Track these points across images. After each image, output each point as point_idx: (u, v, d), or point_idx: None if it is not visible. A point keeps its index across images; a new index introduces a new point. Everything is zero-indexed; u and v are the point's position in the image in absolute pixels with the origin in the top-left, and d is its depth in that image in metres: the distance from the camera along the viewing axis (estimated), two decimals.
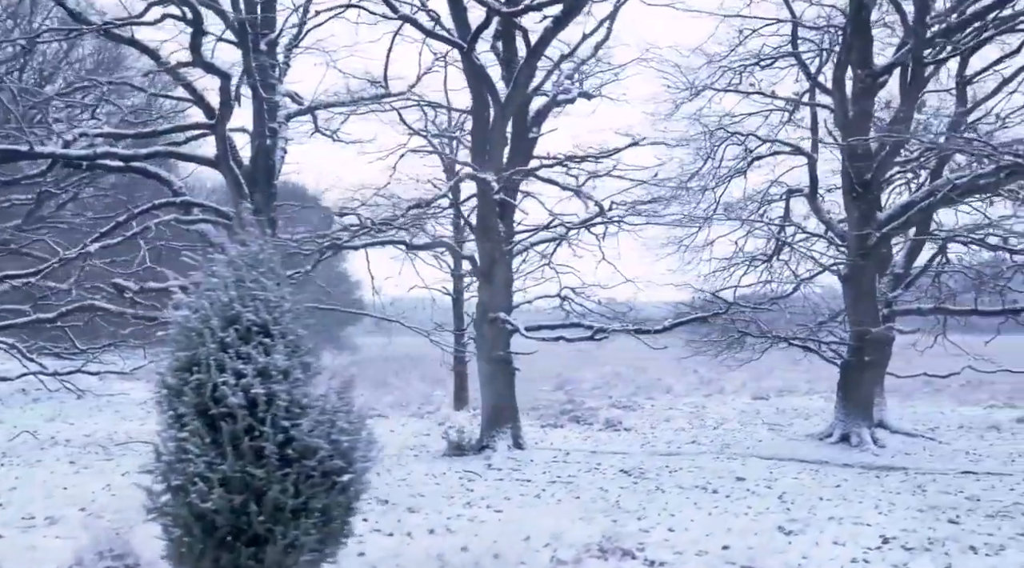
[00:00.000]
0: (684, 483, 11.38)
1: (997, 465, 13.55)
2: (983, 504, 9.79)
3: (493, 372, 13.92)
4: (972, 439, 16.84)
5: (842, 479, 11.91)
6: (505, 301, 14.04)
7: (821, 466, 13.38)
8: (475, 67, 12.97)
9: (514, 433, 13.95)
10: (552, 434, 17.93)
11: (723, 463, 13.34)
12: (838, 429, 15.79)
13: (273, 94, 15.73)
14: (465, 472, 12.05)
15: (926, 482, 11.59)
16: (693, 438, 17.04)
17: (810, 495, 10.38)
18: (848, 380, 15.87)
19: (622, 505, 9.67)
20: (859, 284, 15.72)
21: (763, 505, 9.67)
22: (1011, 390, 26.10)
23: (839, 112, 15.49)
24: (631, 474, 12.21)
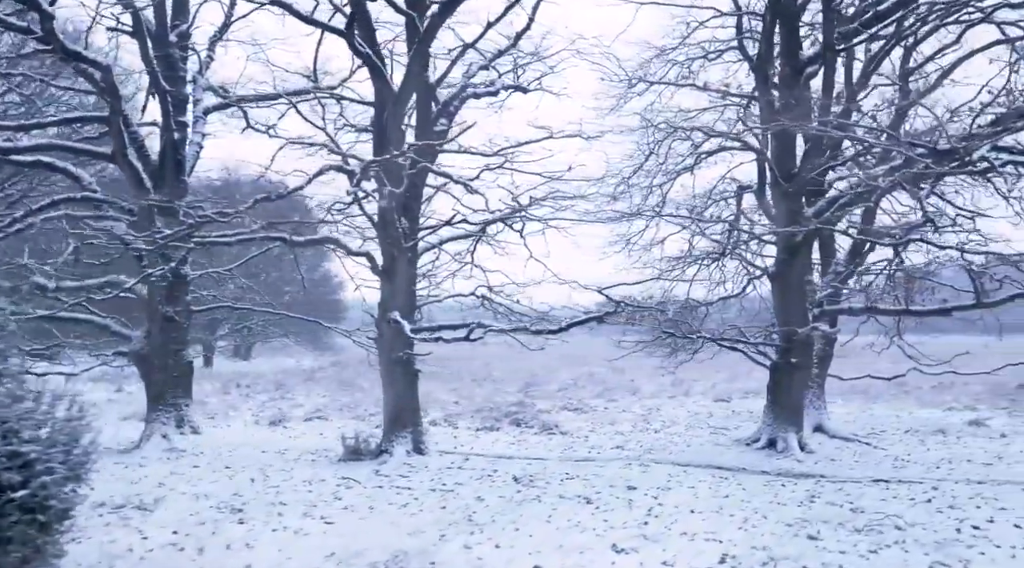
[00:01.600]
0: (567, 493, 10.81)
1: (919, 472, 12.96)
2: (861, 517, 9.19)
3: (393, 374, 13.39)
4: (912, 444, 16.21)
5: (739, 488, 11.32)
6: (406, 300, 13.50)
7: (733, 474, 12.80)
8: (362, 55, 12.41)
9: (415, 437, 13.42)
10: (483, 438, 17.42)
11: (628, 470, 12.75)
12: (765, 434, 15.18)
13: (181, 87, 15.26)
14: (344, 479, 11.54)
15: (826, 492, 11.00)
16: (622, 443, 16.44)
17: (686, 507, 9.78)
18: (777, 383, 15.26)
19: (474, 518, 9.11)
20: (787, 283, 15.11)
21: (625, 518, 9.09)
22: (980, 391, 25.44)
23: (764, 104, 14.86)
24: (520, 482, 11.66)
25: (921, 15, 15.85)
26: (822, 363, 17.45)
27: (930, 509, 9.80)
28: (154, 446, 13.92)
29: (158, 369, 14.57)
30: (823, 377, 17.48)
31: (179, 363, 14.73)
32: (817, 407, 17.17)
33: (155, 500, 9.75)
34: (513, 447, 15.98)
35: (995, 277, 14.34)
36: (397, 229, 13.06)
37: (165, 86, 14.15)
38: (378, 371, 14.28)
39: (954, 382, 27.85)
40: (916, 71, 17.42)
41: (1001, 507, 9.89)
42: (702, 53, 19.60)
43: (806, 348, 15.07)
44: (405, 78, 12.60)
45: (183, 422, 14.62)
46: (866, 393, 25.88)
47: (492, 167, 12.59)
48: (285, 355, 48.51)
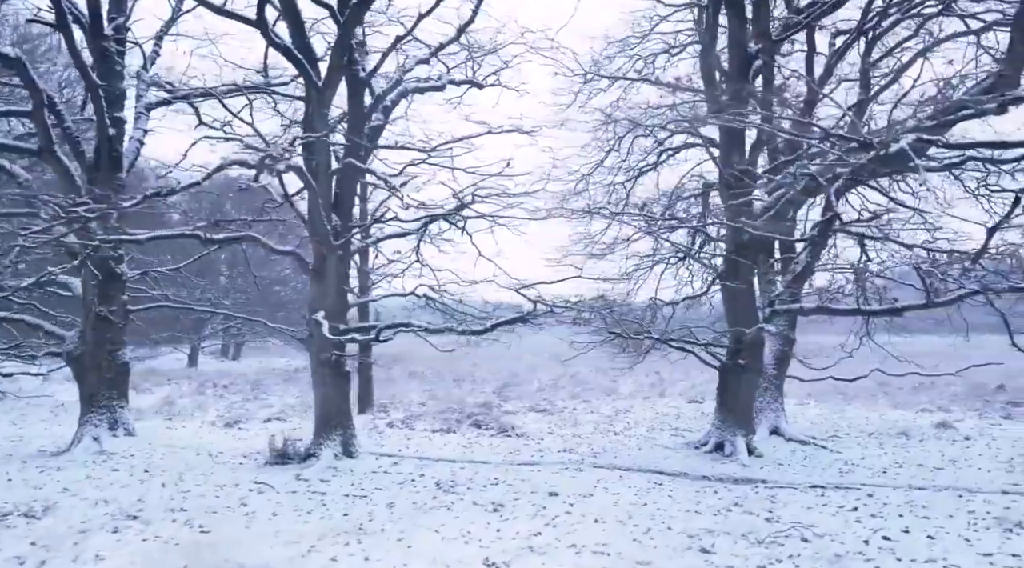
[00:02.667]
0: (482, 500, 10.46)
1: (864, 477, 12.58)
2: (772, 527, 8.80)
3: (323, 376, 13.05)
4: (870, 447, 15.80)
5: (665, 495, 10.97)
6: (337, 300, 13.17)
7: (669, 479, 12.44)
8: (279, 47, 12.06)
9: (344, 440, 13.09)
10: (436, 440, 17.08)
11: (559, 476, 12.39)
12: (713, 437, 14.81)
13: (118, 81, 14.96)
14: (258, 484, 11.20)
15: (752, 499, 10.62)
16: (574, 446, 16.07)
17: (594, 516, 9.42)
18: (725, 385, 14.86)
19: (366, 527, 8.78)
20: (736, 281, 14.70)
21: (521, 528, 8.73)
22: (958, 393, 25.00)
23: (709, 98, 14.46)
24: (441, 487, 11.31)
25: (880, 8, 15.50)
26: (780, 364, 17.07)
27: (851, 518, 9.40)
28: (83, 449, 13.63)
29: (91, 370, 14.28)
30: (781, 378, 17.07)
31: (114, 364, 14.43)
32: (774, 409, 16.77)
33: (46, 507, 9.44)
34: (460, 450, 15.62)
35: (945, 276, 13.93)
36: (325, 227, 12.72)
37: (96, 80, 13.83)
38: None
39: (934, 383, 27.36)
40: (876, 65, 16.97)
41: (925, 516, 9.48)
42: (665, 47, 19.25)
43: (755, 349, 14.68)
44: (328, 71, 12.26)
45: (117, 424, 14.33)
46: (845, 394, 25.46)
47: (416, 163, 12.24)
48: (278, 355, 48.26)
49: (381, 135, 14.13)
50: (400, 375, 35.80)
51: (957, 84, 12.16)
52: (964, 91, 12.10)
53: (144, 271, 15.48)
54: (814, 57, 17.74)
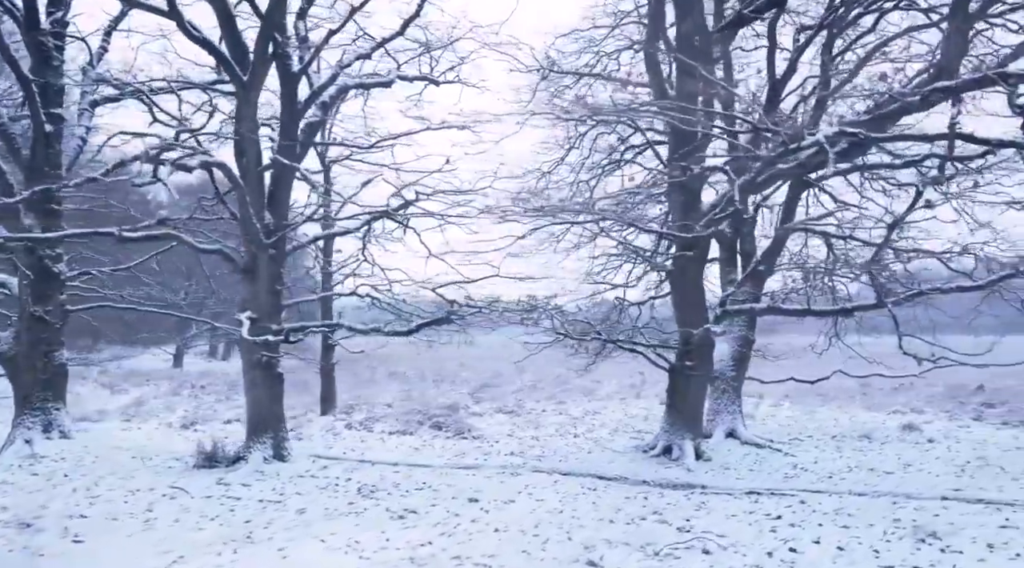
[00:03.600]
0: (397, 505, 10.18)
1: (808, 482, 12.24)
2: (680, 536, 8.47)
3: (253, 377, 12.77)
4: (827, 450, 15.41)
5: (591, 502, 10.64)
6: (269, 300, 12.87)
7: (606, 484, 12.14)
8: (197, 39, 11.75)
9: (275, 443, 12.80)
10: (388, 442, 16.79)
11: (490, 480, 12.10)
12: (662, 440, 14.45)
13: (56, 77, 14.71)
14: (173, 489, 10.91)
15: (673, 507, 10.30)
16: (527, 449, 15.76)
17: (496, 524, 9.11)
18: (674, 387, 14.50)
19: (255, 535, 8.48)
20: (683, 281, 14.35)
21: (414, 538, 8.42)
22: (936, 394, 24.57)
23: (656, 92, 14.10)
24: (361, 492, 11.03)
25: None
26: (739, 366, 16.68)
27: (768, 527, 9.05)
28: (13, 452, 13.38)
29: (26, 371, 14.04)
30: (740, 380, 16.68)
31: (50, 365, 14.18)
32: (731, 412, 16.37)
33: None
34: (408, 453, 15.31)
35: (895, 277, 13.61)
36: (255, 226, 12.42)
37: (27, 75, 13.58)
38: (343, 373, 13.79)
39: (913, 384, 26.85)
40: (837, 59, 16.55)
41: (846, 525, 9.12)
42: (628, 44, 18.86)
43: (705, 350, 14.31)
44: (253, 65, 11.95)
45: (52, 426, 14.07)
46: (824, 395, 25.03)
47: (339, 160, 11.93)
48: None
49: (319, 132, 13.78)
50: (382, 376, 35.61)
51: (893, 77, 11.74)
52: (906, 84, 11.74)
53: (84, 271, 15.20)
54: (775, 52, 17.35)
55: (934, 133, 8.73)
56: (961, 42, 10.47)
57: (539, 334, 15.79)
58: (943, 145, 10.01)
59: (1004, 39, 14.61)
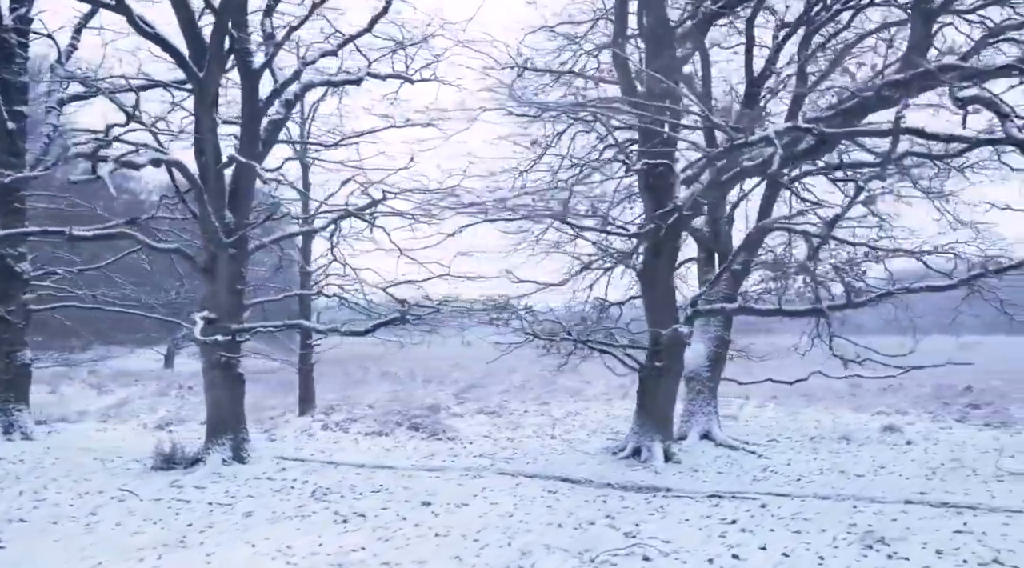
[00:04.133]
0: (346, 509, 10.01)
1: (774, 485, 11.99)
2: (624, 541, 8.26)
3: (213, 378, 12.61)
4: (802, 452, 15.17)
5: (545, 505, 10.45)
6: (230, 300, 12.70)
7: (570, 487, 11.92)
8: (148, 34, 11.58)
9: (235, 445, 12.64)
10: (362, 443, 16.60)
11: (448, 483, 11.92)
12: (631, 442, 14.25)
13: (17, 74, 14.58)
14: (122, 491, 10.75)
15: (629, 512, 10.09)
16: (498, 450, 15.58)
17: (437, 529, 8.92)
18: (644, 388, 14.30)
19: (188, 539, 8.31)
20: (653, 281, 14.15)
21: (349, 543, 8.24)
22: (922, 395, 24.33)
23: (624, 89, 13.89)
24: (314, 495, 10.85)
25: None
26: (715, 367, 16.46)
27: (718, 532, 8.84)
28: None
29: None
30: (715, 381, 16.46)
31: (12, 366, 14.04)
32: (707, 413, 16.16)
33: None
34: (378, 454, 15.12)
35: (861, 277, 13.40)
36: (214, 225, 12.26)
37: None
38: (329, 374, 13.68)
39: (903, 385, 26.72)
40: (812, 57, 16.33)
41: (798, 530, 8.91)
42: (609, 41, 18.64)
43: (675, 351, 14.10)
44: (208, 61, 11.78)
45: (13, 428, 13.94)
46: (811, 396, 24.79)
47: (293, 158, 11.76)
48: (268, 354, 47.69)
49: (281, 129, 13.61)
50: (374, 376, 35.47)
51: (856, 72, 11.54)
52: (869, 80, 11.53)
53: (50, 271, 15.06)
54: (753, 50, 17.14)
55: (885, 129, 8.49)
56: (925, 37, 10.25)
57: (510, 334, 15.62)
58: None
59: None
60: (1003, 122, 7.28)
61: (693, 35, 15.08)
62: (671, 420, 14.42)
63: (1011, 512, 9.79)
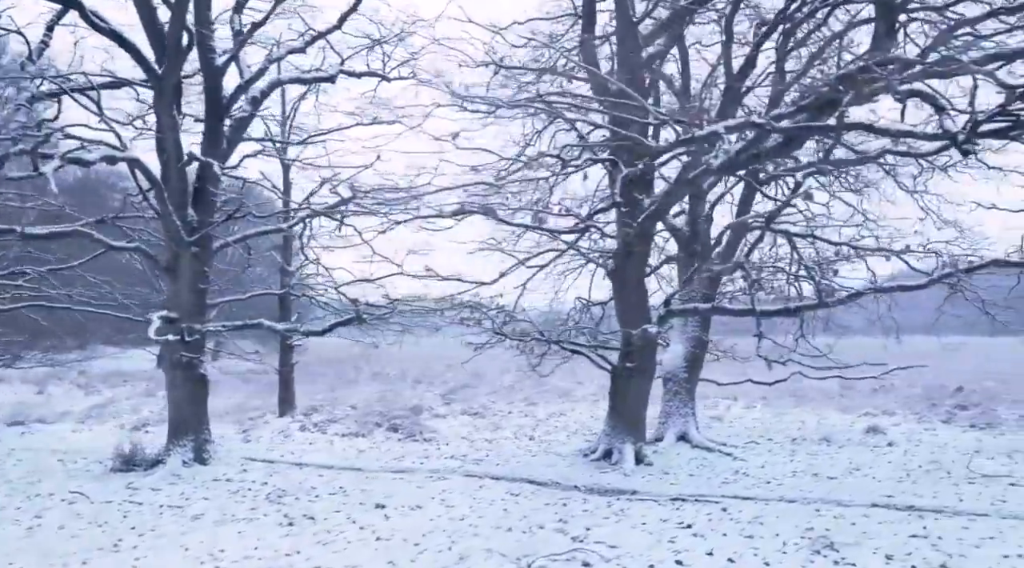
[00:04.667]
0: (296, 512, 9.86)
1: (745, 486, 11.79)
2: (569, 545, 8.06)
3: (174, 379, 12.47)
4: (780, 454, 14.93)
5: (501, 508, 10.28)
6: (192, 299, 12.55)
7: (535, 489, 11.75)
8: (102, 30, 11.43)
9: (196, 446, 12.48)
10: (338, 444, 16.44)
11: (411, 484, 11.76)
12: (603, 444, 14.05)
13: None
14: (73, 493, 10.61)
15: (584, 516, 9.91)
16: (473, 451, 15.41)
17: (379, 532, 8.75)
18: (616, 389, 14.10)
19: (123, 543, 8.18)
20: (624, 280, 13.95)
21: (286, 546, 8.07)
22: (912, 396, 24.05)
23: (594, 86, 13.70)
24: (269, 497, 10.70)
25: None
26: (692, 368, 16.24)
27: (668, 537, 8.65)
28: None
29: None
30: (693, 382, 16.24)
31: None
32: (684, 414, 15.94)
33: None
34: (349, 455, 14.95)
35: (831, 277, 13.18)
36: (175, 224, 12.11)
37: None
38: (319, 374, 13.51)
39: (895, 385, 26.46)
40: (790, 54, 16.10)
41: (751, 535, 8.71)
42: None
43: (647, 352, 13.89)
44: (167, 57, 11.63)
45: None
46: (802, 396, 24.49)
47: (251, 155, 11.62)
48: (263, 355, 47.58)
49: (247, 127, 13.46)
50: (365, 376, 35.32)
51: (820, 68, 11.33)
52: None
53: (15, 270, 14.90)
54: (731, 47, 16.91)
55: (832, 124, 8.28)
56: (887, 33, 10.02)
57: (483, 335, 15.44)
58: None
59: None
60: (939, 115, 7.07)
61: (670, 31, 14.88)
62: (643, 422, 14.21)
63: (974, 515, 9.57)
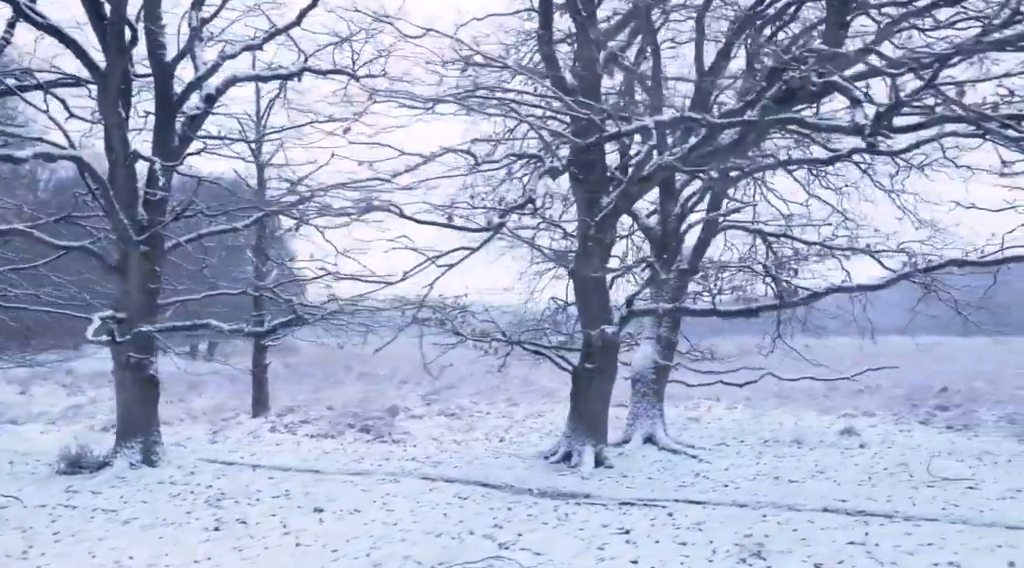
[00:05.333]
0: (229, 516, 9.70)
1: (699, 490, 11.56)
2: (493, 551, 7.85)
3: (123, 380, 12.31)
4: (748, 456, 14.67)
5: (442, 514, 10.06)
6: (141, 299, 12.38)
7: (485, 493, 11.53)
8: (41, 26, 11.25)
9: (145, 448, 12.31)
10: (305, 445, 16.33)
11: (357, 487, 11.60)
12: (563, 446, 13.84)
13: None
14: (5, 497, 10.44)
15: (541, 518, 9.76)
16: (439, 452, 15.27)
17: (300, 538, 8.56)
18: (577, 390, 13.88)
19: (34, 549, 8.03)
20: (584, 280, 13.72)
21: (203, 552, 7.88)
22: (896, 397, 23.77)
23: (554, 80, 13.46)
24: (208, 501, 10.53)
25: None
26: (660, 369, 15.99)
27: (598, 544, 8.43)
28: None
29: None
30: (661, 384, 15.99)
31: None
32: (651, 416, 15.69)
33: None
34: (312, 457, 14.79)
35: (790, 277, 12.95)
36: (123, 223, 11.94)
37: None
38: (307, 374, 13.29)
39: (880, 386, 26.22)
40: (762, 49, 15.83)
41: (684, 541, 8.48)
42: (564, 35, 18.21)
43: (608, 352, 13.66)
44: (108, 54, 11.46)
45: None
46: (786, 397, 24.22)
47: (194, 153, 11.43)
48: None
49: (202, 125, 13.28)
50: (353, 376, 35.23)
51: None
52: None
53: None
54: (703, 44, 16.66)
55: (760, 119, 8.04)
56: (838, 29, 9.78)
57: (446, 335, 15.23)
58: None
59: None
60: (853, 107, 6.83)
61: (632, 27, 14.66)
62: (605, 423, 13.98)
63: (922, 520, 9.32)
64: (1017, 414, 19.18)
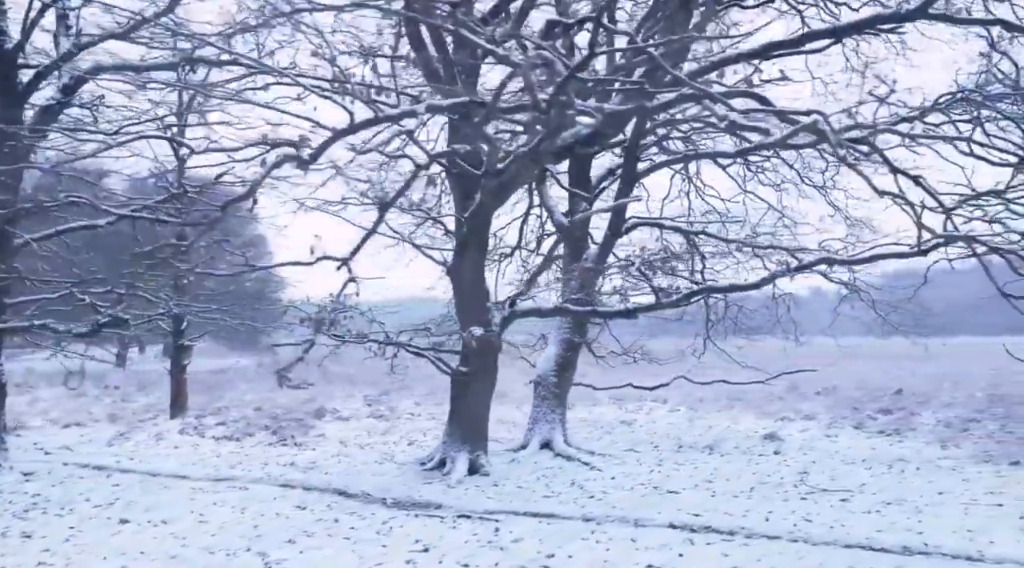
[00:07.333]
0: (35, 526, 9.20)
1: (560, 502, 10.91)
2: None
3: None
4: (647, 464, 13.88)
5: (252, 527, 9.45)
6: None
7: (329, 502, 10.93)
8: None
9: None
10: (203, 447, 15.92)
11: (194, 493, 11.08)
12: (439, 453, 13.18)
13: None
14: None
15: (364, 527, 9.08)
16: (318, 459, 14.65)
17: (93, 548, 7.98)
18: (456, 394, 13.22)
19: None
20: (460, 278, 13.06)
21: None
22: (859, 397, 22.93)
23: (423, 69, 12.81)
24: (28, 508, 10.06)
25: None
26: (562, 371, 15.27)
27: (374, 562, 7.79)
28: None
29: None
30: (563, 387, 15.28)
31: None
32: (551, 421, 15.01)
33: None
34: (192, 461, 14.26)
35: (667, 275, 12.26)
36: None
37: None
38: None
39: (836, 387, 25.39)
40: None
41: (466, 563, 7.81)
42: None
43: (487, 355, 12.97)
44: None
45: None
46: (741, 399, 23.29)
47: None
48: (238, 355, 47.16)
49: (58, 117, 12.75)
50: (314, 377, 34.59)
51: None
52: None
53: None
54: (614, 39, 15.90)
55: None
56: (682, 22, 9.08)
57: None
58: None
59: None
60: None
61: None
62: (485, 429, 13.30)
63: (753, 538, 8.66)
64: (959, 417, 18.32)
